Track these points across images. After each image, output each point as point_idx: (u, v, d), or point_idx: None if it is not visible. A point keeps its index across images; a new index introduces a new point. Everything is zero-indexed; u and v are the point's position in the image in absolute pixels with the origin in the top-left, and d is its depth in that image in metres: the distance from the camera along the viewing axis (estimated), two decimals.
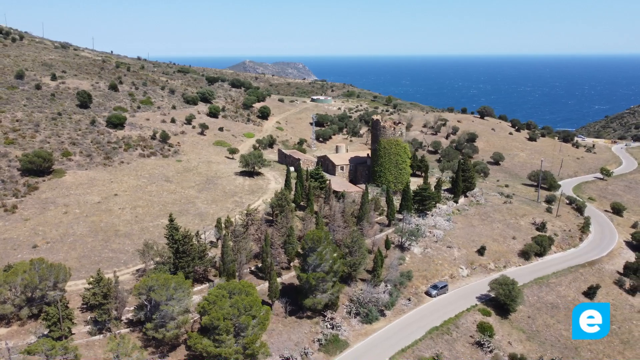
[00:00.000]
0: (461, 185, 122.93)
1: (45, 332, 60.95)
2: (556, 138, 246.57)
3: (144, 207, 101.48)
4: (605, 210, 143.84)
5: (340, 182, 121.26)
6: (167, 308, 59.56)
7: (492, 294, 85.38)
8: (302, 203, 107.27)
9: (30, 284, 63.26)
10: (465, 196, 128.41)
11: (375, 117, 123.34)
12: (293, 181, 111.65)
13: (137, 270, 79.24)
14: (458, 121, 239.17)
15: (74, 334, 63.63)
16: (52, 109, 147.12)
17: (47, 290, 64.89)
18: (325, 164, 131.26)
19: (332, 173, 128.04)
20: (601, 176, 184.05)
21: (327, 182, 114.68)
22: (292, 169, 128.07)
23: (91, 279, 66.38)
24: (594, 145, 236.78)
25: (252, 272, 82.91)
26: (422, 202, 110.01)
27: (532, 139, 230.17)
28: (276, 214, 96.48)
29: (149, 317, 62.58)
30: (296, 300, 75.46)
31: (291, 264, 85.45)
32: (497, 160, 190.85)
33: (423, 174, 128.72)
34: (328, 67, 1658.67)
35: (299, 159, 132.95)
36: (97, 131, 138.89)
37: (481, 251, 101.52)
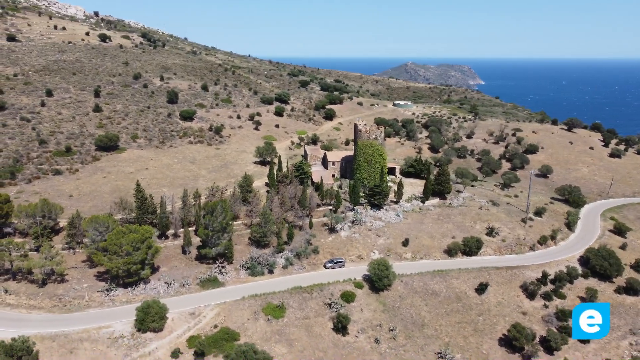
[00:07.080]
0: (430, 187, 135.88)
1: (32, 244, 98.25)
2: None
3: (159, 179, 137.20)
4: (610, 230, 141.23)
5: (323, 174, 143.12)
6: (89, 235, 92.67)
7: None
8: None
9: (34, 213, 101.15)
10: (443, 198, 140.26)
11: (356, 122, 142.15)
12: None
13: (120, 219, 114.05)
14: (533, 132, 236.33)
15: (53, 246, 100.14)
16: (146, 103, 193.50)
17: (45, 219, 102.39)
18: (325, 159, 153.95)
19: (326, 167, 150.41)
20: None
21: (308, 172, 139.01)
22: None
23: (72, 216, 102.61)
24: None
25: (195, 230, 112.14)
26: (372, 196, 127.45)
27: (614, 155, 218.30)
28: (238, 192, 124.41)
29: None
30: None
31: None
32: (544, 173, 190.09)
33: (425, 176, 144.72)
34: (499, 70, 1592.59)
35: (307, 154, 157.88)
36: (169, 122, 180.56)
37: (405, 243, 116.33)
